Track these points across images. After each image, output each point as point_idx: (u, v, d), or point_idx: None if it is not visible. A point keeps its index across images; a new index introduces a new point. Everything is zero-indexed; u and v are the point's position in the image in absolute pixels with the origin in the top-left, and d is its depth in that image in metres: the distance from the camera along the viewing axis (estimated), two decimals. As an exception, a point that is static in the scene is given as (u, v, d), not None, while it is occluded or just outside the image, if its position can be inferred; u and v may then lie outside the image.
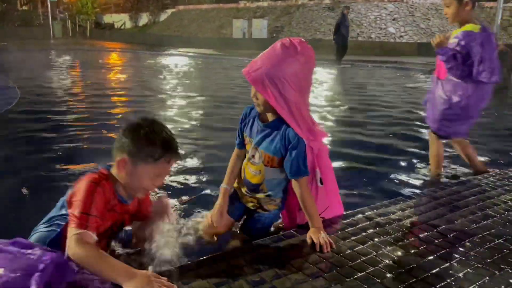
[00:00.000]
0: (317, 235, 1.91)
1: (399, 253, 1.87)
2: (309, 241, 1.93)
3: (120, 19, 33.88)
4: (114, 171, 1.74)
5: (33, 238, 1.72)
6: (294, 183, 1.96)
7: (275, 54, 1.81)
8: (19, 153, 3.82)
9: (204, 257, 1.78)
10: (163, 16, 30.81)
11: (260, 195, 2.09)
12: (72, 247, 1.52)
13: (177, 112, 6.18)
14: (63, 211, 1.70)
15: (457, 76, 2.92)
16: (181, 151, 1.77)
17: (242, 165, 2.13)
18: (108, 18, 35.12)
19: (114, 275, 1.51)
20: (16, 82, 8.36)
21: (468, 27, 2.85)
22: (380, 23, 19.18)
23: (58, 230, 1.70)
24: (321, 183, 2.08)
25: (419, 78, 11.23)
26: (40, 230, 1.74)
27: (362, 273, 1.70)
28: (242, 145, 2.13)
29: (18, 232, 1.70)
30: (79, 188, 1.62)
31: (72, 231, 1.55)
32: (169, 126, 1.80)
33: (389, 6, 19.50)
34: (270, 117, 1.97)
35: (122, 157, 1.68)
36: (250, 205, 2.15)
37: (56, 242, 1.69)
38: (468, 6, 2.82)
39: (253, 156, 2.03)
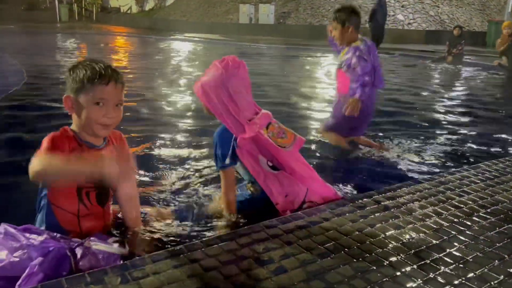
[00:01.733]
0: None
1: (408, 236, 1.86)
2: None
3: (126, 3, 33.74)
4: (73, 123, 1.76)
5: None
6: None
7: (207, 68, 2.19)
8: (24, 136, 3.82)
9: (212, 236, 1.78)
10: (170, 1, 30.62)
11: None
12: (30, 168, 1.50)
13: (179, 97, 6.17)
14: (44, 191, 1.73)
15: (369, 86, 3.20)
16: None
17: None
18: (114, 2, 34.99)
19: (84, 166, 1.49)
20: (22, 65, 8.36)
21: (354, 44, 3.25)
22: (388, 9, 18.91)
23: (45, 203, 1.73)
24: (275, 169, 2.20)
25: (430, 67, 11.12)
26: (37, 218, 1.78)
27: (371, 255, 1.70)
28: None
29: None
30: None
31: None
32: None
33: (397, -8, 19.22)
34: None
35: (64, 96, 1.72)
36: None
37: (52, 218, 1.72)
38: (350, 29, 3.24)
39: None
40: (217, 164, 2.23)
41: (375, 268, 1.61)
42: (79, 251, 1.58)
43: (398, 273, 1.58)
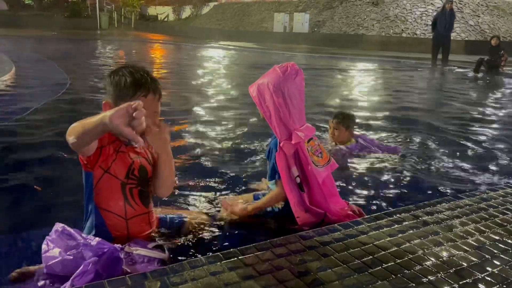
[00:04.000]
0: (232, 211, 2.28)
1: (448, 254, 1.81)
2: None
3: (163, 12, 34.54)
4: None
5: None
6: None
7: (266, 72, 2.23)
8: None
9: (249, 245, 1.79)
10: (206, 9, 31.13)
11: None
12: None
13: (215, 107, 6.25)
14: (90, 195, 1.78)
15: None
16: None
17: None
18: (152, 10, 35.90)
19: (93, 120, 1.45)
20: (65, 69, 8.71)
21: (349, 142, 3.72)
22: (426, 19, 18.55)
23: (93, 208, 1.78)
24: (302, 189, 2.19)
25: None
26: (86, 225, 1.84)
27: (410, 271, 1.66)
28: None
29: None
30: None
31: None
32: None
33: (436, 2, 18.80)
34: None
35: (104, 101, 1.76)
36: None
37: (101, 223, 1.78)
38: (349, 131, 3.69)
39: None
40: (274, 174, 2.23)
41: (414, 285, 1.57)
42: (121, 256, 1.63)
43: (438, 291, 1.54)
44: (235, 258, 1.69)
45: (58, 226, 1.61)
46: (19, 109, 5.07)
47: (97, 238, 1.58)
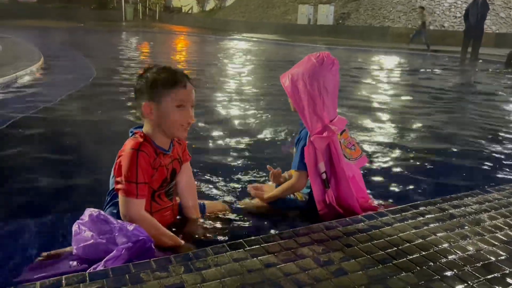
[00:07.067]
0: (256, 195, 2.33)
1: (475, 247, 1.77)
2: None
3: (188, 4, 34.79)
4: (145, 127, 1.79)
5: None
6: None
7: (299, 62, 2.17)
8: (94, 127, 4.05)
9: (272, 233, 1.79)
10: (229, 1, 31.16)
11: None
12: (124, 212, 1.66)
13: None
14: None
15: None
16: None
17: None
18: (176, 2, 36.21)
19: (164, 241, 1.67)
20: (91, 60, 8.86)
21: None
22: (455, 11, 18.10)
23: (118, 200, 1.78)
24: (327, 186, 2.12)
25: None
26: (107, 211, 1.84)
27: (435, 264, 1.63)
28: None
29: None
30: (124, 156, 1.68)
31: (122, 198, 1.67)
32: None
33: (466, -7, 18.28)
34: None
35: (144, 103, 1.74)
36: None
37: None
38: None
39: None
40: (299, 163, 2.15)
41: (439, 277, 1.54)
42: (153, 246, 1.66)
43: (465, 285, 1.51)
44: (258, 246, 1.69)
45: (93, 211, 1.64)
46: (48, 97, 5.19)
47: (134, 225, 1.60)
